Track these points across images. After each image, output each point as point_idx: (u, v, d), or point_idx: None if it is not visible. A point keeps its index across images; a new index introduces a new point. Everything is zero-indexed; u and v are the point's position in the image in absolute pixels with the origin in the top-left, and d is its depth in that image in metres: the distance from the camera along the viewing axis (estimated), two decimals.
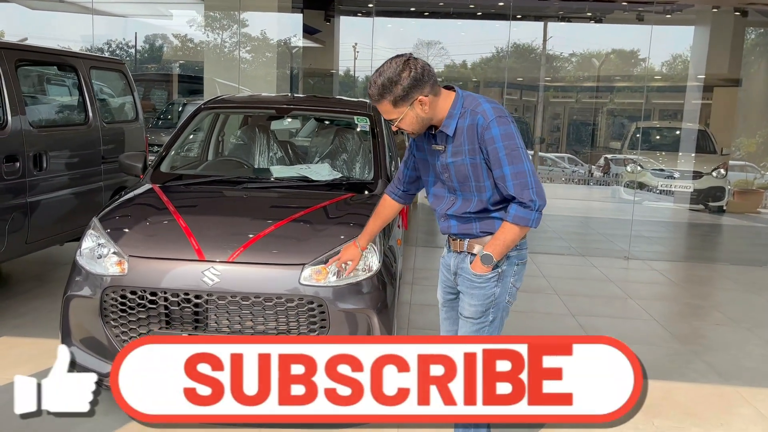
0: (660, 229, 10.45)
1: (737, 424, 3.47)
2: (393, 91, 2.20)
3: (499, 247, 2.31)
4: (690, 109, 13.95)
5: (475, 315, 2.42)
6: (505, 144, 2.22)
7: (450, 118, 2.29)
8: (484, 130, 2.23)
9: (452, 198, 2.41)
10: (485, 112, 2.24)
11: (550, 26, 15.41)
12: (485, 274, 2.36)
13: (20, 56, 4.82)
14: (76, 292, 3.07)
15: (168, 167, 4.15)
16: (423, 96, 2.22)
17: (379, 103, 2.25)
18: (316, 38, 13.94)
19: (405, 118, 2.26)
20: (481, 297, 2.39)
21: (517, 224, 2.27)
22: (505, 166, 2.22)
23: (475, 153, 2.27)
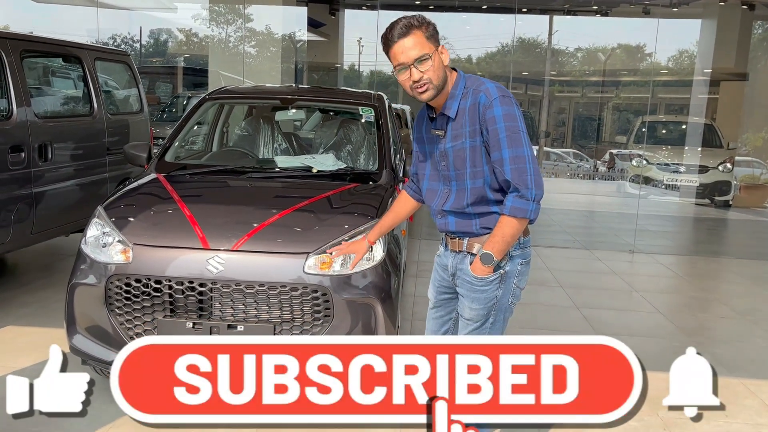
0: (665, 223, 10.42)
1: (742, 415, 3.47)
2: (425, 25, 2.11)
3: (499, 244, 2.16)
4: (696, 104, 13.87)
5: (476, 318, 2.33)
6: (507, 125, 2.08)
7: (452, 98, 2.18)
8: (486, 109, 2.10)
9: (446, 191, 2.29)
10: (488, 90, 2.12)
11: (556, 20, 15.34)
12: (487, 277, 2.24)
13: (25, 47, 4.83)
14: (81, 281, 3.08)
15: (172, 157, 4.15)
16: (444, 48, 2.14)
17: (410, 35, 2.08)
18: (320, 32, 13.92)
19: (434, 60, 2.11)
20: (482, 300, 2.29)
21: (514, 216, 2.12)
22: (504, 148, 2.08)
23: (475, 134, 2.14)
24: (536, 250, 7.34)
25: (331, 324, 2.96)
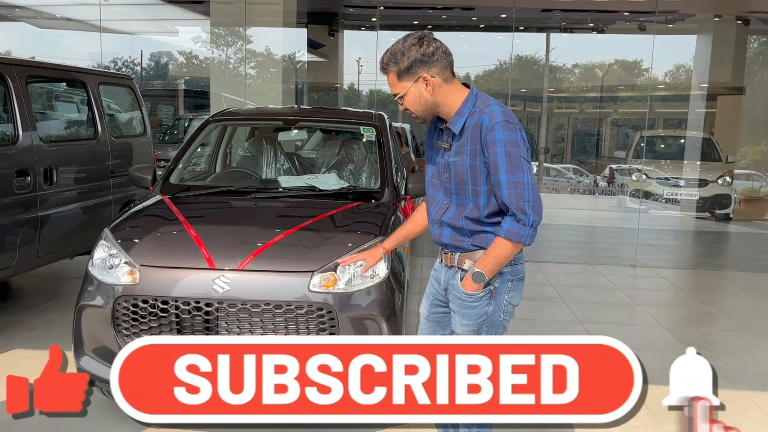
0: (666, 237, 10.44)
1: (748, 427, 3.46)
2: (397, 62, 2.15)
3: (491, 264, 2.19)
4: (694, 118, 13.97)
5: (466, 333, 2.35)
6: (507, 150, 2.11)
7: (459, 115, 2.21)
8: (488, 132, 2.13)
9: (446, 201, 2.32)
10: (492, 113, 2.15)
11: (553, 37, 15.50)
12: (476, 293, 2.27)
13: (30, 72, 4.90)
14: (88, 302, 3.11)
15: (177, 179, 4.20)
16: (429, 75, 2.15)
17: (386, 74, 2.21)
18: (320, 52, 14.07)
19: (408, 95, 2.19)
20: (472, 317, 2.31)
21: (509, 239, 2.15)
22: (502, 173, 2.12)
23: (476, 154, 2.18)
24: (538, 265, 7.36)
25: None
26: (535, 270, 7.16)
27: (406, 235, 2.66)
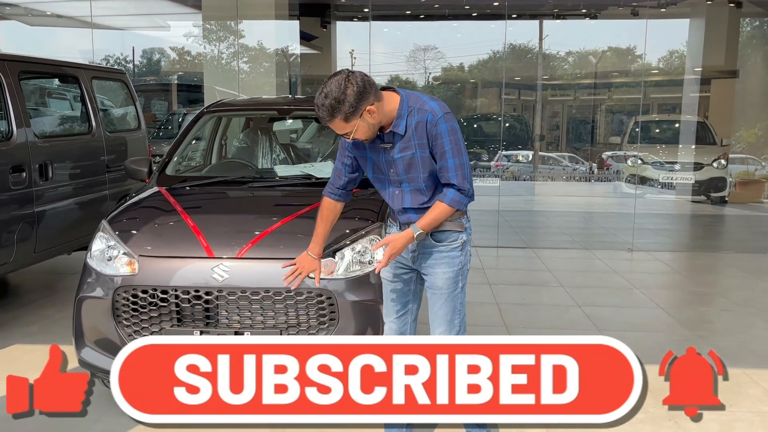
0: (663, 221, 10.48)
1: (746, 404, 3.50)
2: (341, 108, 2.34)
3: (431, 225, 2.52)
4: (688, 102, 13.97)
5: (447, 284, 2.61)
6: (451, 138, 2.46)
7: (399, 118, 2.47)
8: (433, 126, 2.44)
9: (397, 192, 2.59)
10: (434, 109, 2.46)
11: (546, 24, 15.46)
12: (452, 243, 2.60)
13: (23, 68, 4.89)
14: (88, 294, 3.12)
15: (173, 170, 4.20)
16: (370, 105, 2.38)
17: (332, 122, 2.40)
18: (313, 45, 14.02)
19: (358, 130, 2.42)
20: (451, 265, 2.61)
21: (451, 206, 2.51)
22: (449, 158, 2.46)
23: (424, 147, 2.48)
24: (536, 251, 7.39)
25: (336, 327, 3.00)
26: (533, 256, 7.18)
27: (325, 233, 2.79)
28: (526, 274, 6.41)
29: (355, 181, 2.73)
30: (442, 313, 2.64)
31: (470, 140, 16.54)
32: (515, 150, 16.59)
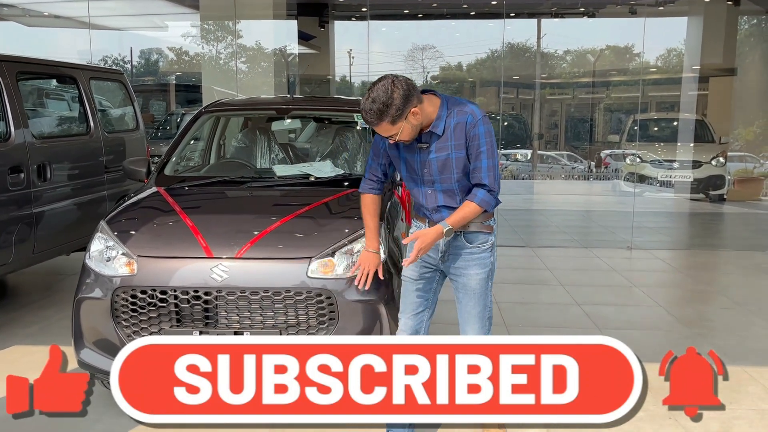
0: (661, 219, 10.48)
1: (746, 401, 3.50)
2: (389, 112, 2.45)
3: (460, 223, 2.63)
4: (686, 101, 13.97)
5: (480, 285, 2.74)
6: (487, 140, 2.59)
7: (439, 119, 2.60)
8: (472, 128, 2.57)
9: (429, 191, 2.69)
10: (473, 112, 2.59)
11: (544, 23, 15.47)
12: (483, 245, 2.72)
13: (21, 69, 4.88)
14: (86, 295, 3.11)
15: (172, 170, 4.19)
16: (414, 108, 2.50)
17: (378, 125, 2.50)
18: (311, 44, 14.01)
19: (403, 132, 2.52)
20: (483, 266, 2.73)
21: (480, 206, 2.62)
22: (484, 159, 2.59)
23: (461, 148, 2.60)
24: (535, 250, 7.39)
25: (336, 327, 3.00)
26: (532, 255, 7.18)
27: (377, 226, 2.92)
28: (526, 273, 6.41)
29: (387, 175, 2.86)
30: (475, 312, 2.78)
31: None
32: (514, 149, 16.61)
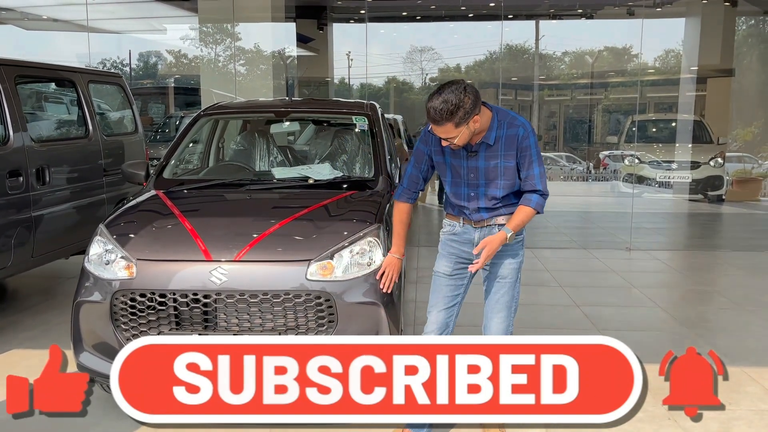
0: (660, 220, 10.48)
1: (745, 402, 3.50)
2: (458, 113, 2.57)
3: (520, 226, 2.86)
4: (685, 101, 14.00)
5: (512, 274, 2.94)
6: (536, 150, 2.81)
7: (491, 130, 2.76)
8: (524, 140, 2.76)
9: (472, 194, 2.84)
10: (525, 125, 2.78)
11: (542, 25, 15.50)
12: (517, 238, 2.92)
13: (19, 72, 4.88)
14: (86, 298, 3.10)
15: (170, 173, 4.19)
16: (477, 115, 2.63)
17: (443, 125, 2.60)
18: (309, 47, 14.03)
19: (461, 136, 2.64)
20: (515, 257, 2.95)
21: (535, 209, 2.83)
22: (536, 167, 2.80)
23: (511, 157, 2.78)
24: (534, 251, 7.38)
25: (335, 330, 2.99)
26: (531, 256, 7.17)
27: (405, 234, 3.07)
28: (525, 274, 6.33)
29: (424, 184, 3.02)
30: (504, 300, 2.94)
31: None
32: None
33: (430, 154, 2.90)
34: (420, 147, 2.92)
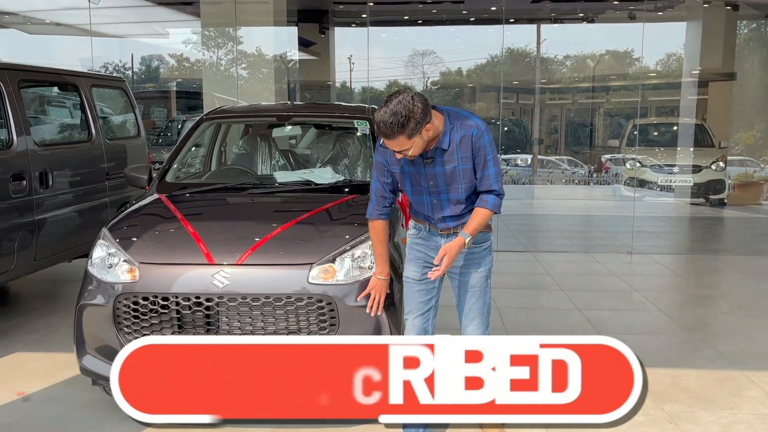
0: (662, 223, 10.49)
1: (747, 406, 3.50)
2: (409, 125, 2.48)
3: (477, 230, 2.76)
4: (686, 105, 14.00)
5: (480, 282, 2.88)
6: (491, 149, 2.72)
7: (444, 134, 2.67)
8: (478, 140, 2.67)
9: (435, 201, 2.78)
10: (477, 125, 2.69)
11: (543, 29, 15.51)
12: (483, 243, 2.87)
13: (23, 76, 4.90)
14: (89, 302, 3.12)
15: (173, 177, 4.21)
16: (428, 123, 2.55)
17: (395, 139, 2.51)
18: (311, 50, 14.06)
19: (416, 146, 2.56)
20: (483, 264, 2.89)
21: (493, 211, 2.76)
22: (491, 167, 2.71)
23: (467, 159, 2.69)
24: (535, 255, 7.40)
25: (337, 333, 3.01)
26: (533, 260, 7.19)
27: (387, 252, 2.95)
28: (526, 278, 6.42)
29: (395, 194, 2.89)
30: (477, 308, 2.90)
31: None
32: (514, 154, 16.62)
33: (388, 167, 2.80)
34: (378, 159, 2.81)
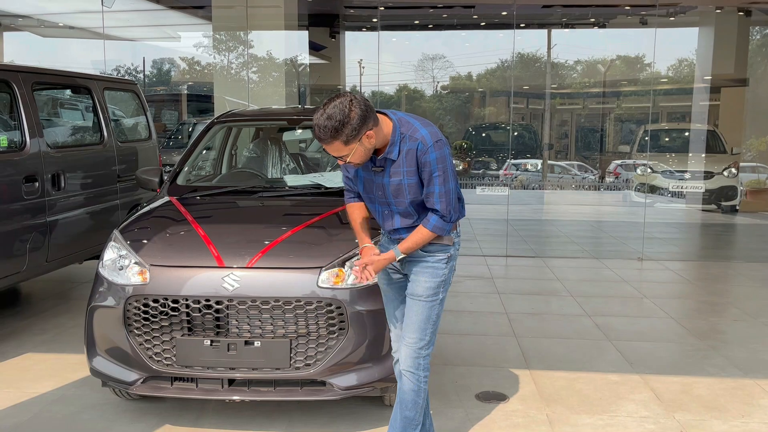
0: (673, 230, 10.43)
1: (759, 415, 3.47)
2: (344, 131, 2.35)
3: (412, 249, 2.61)
4: (698, 111, 13.92)
5: (427, 293, 2.65)
6: (439, 167, 2.49)
7: (393, 144, 2.50)
8: (423, 155, 2.48)
9: (386, 211, 2.65)
10: (424, 138, 2.49)
11: (554, 33, 15.48)
12: (438, 254, 2.66)
13: (36, 79, 4.94)
14: (99, 303, 3.14)
15: (184, 180, 4.23)
16: (369, 130, 2.40)
17: (330, 144, 2.39)
18: (321, 54, 14.10)
19: (355, 154, 2.43)
20: (434, 275, 2.66)
21: (433, 231, 2.57)
22: (436, 185, 2.51)
23: (413, 174, 2.52)
24: (545, 261, 7.37)
25: (346, 336, 3.01)
26: (542, 265, 7.16)
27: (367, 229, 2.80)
28: (536, 284, 6.39)
29: None
30: (416, 320, 2.66)
31: (479, 149, 16.56)
32: (524, 159, 16.59)
33: (344, 170, 2.72)
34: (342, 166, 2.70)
